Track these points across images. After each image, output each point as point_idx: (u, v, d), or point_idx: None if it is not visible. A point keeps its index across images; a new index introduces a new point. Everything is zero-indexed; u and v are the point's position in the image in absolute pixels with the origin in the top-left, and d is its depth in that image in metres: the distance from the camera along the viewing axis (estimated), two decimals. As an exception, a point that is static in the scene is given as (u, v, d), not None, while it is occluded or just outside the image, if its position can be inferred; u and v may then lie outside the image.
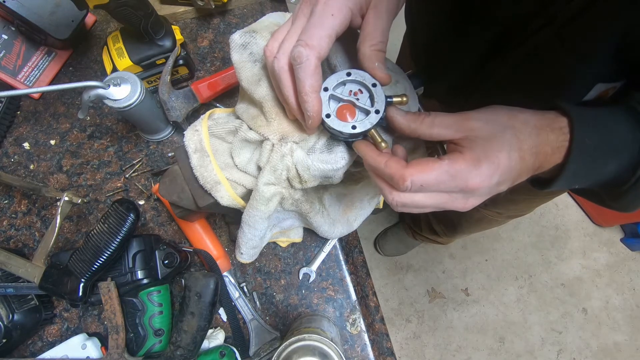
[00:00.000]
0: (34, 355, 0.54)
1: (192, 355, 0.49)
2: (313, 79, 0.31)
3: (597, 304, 1.51)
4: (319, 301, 0.58)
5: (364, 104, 0.34)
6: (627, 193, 0.32)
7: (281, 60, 0.32)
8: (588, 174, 0.31)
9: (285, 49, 0.32)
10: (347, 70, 0.34)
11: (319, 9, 0.31)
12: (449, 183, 0.29)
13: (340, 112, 0.34)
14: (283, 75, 0.33)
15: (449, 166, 0.29)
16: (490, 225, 0.96)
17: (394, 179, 0.29)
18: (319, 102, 0.32)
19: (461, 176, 0.29)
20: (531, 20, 0.36)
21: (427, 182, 0.29)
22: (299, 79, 0.31)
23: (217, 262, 0.54)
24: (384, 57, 0.34)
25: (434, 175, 0.29)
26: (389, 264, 1.58)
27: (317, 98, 0.32)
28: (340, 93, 0.34)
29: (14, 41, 0.64)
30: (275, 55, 0.33)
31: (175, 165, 0.46)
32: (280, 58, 0.32)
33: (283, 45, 0.33)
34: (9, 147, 0.65)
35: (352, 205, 0.52)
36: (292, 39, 0.32)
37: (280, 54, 0.32)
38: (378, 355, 0.56)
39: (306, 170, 0.38)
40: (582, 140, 0.29)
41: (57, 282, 0.48)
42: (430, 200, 0.31)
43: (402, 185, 0.29)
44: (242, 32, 0.39)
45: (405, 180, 0.29)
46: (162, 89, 0.59)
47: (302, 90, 0.31)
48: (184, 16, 0.72)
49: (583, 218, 1.62)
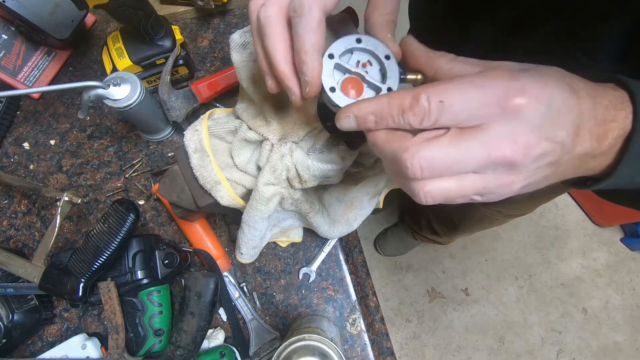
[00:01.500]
0: (34, 355, 0.54)
1: (192, 355, 0.49)
2: (316, 36, 0.25)
3: (597, 304, 1.51)
4: (319, 301, 0.58)
5: (373, 79, 0.28)
6: None
7: (269, 8, 0.26)
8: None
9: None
10: (357, 36, 0.28)
11: None
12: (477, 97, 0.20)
13: (345, 87, 0.28)
14: (272, 27, 0.26)
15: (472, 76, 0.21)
16: (491, 225, 0.96)
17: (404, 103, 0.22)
18: (321, 64, 0.26)
19: (491, 84, 0.21)
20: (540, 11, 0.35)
21: (448, 97, 0.21)
22: (298, 34, 0.25)
23: (217, 262, 0.54)
24: (395, 28, 0.29)
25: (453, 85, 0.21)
26: (389, 264, 1.58)
27: (319, 59, 0.26)
28: (347, 63, 0.28)
29: (14, 41, 0.64)
30: (263, 3, 0.27)
31: (175, 165, 0.46)
32: (268, 5, 0.26)
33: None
34: (8, 147, 0.65)
35: (352, 205, 0.52)
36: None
37: (268, 1, 0.26)
38: (378, 355, 0.56)
39: (306, 170, 0.38)
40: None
41: (57, 282, 0.48)
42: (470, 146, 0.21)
43: (417, 106, 0.21)
44: (242, 32, 0.39)
45: (420, 97, 0.21)
46: (162, 89, 0.59)
47: (300, 48, 0.25)
48: (184, 16, 0.72)
49: (583, 218, 1.62)
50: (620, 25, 0.31)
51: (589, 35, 0.34)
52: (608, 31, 0.32)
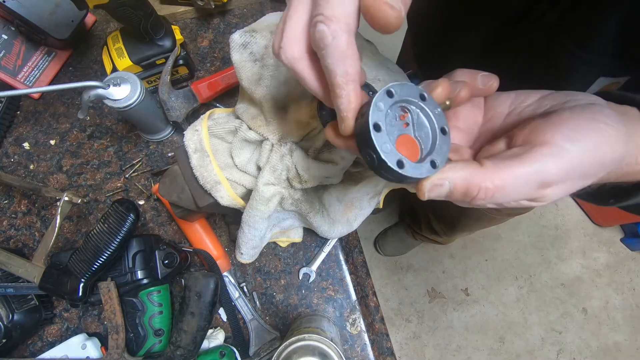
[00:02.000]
0: (34, 355, 0.54)
1: (192, 355, 0.49)
2: (348, 63, 0.22)
3: (597, 304, 1.51)
4: (319, 301, 0.58)
5: (421, 145, 0.24)
6: None
7: (288, 49, 0.23)
8: None
9: (292, 32, 0.23)
10: (423, 91, 0.23)
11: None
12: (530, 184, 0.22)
13: (401, 143, 0.23)
14: (298, 66, 0.24)
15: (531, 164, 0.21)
16: (490, 224, 0.96)
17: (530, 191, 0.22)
18: (358, 95, 0.23)
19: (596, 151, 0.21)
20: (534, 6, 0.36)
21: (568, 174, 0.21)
22: (328, 68, 0.22)
23: (217, 262, 0.54)
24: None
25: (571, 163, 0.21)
26: (389, 264, 1.58)
27: (356, 91, 0.23)
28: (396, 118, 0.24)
29: (14, 41, 0.64)
30: (280, 45, 0.24)
31: (175, 165, 0.46)
32: (286, 47, 0.23)
33: (287, 30, 0.23)
34: (8, 147, 0.65)
35: (352, 205, 0.52)
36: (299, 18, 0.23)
37: (284, 42, 0.23)
38: (378, 355, 0.56)
39: (306, 170, 0.38)
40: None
41: (57, 282, 0.48)
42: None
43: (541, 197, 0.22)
44: (242, 32, 0.39)
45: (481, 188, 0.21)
46: (162, 89, 0.59)
47: (333, 81, 0.22)
48: (184, 16, 0.72)
49: (583, 218, 1.62)
50: (615, 17, 0.32)
51: (584, 28, 0.34)
52: (602, 24, 0.33)
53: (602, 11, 0.32)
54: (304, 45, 0.24)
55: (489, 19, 0.41)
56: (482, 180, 0.21)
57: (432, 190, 0.23)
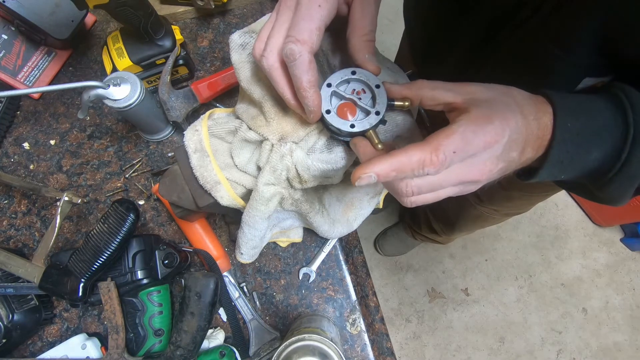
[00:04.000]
0: (34, 355, 0.54)
1: (192, 355, 0.49)
2: (309, 75, 0.30)
3: (597, 304, 1.51)
4: (319, 301, 0.58)
5: (365, 104, 0.33)
6: (612, 181, 0.31)
7: (269, 58, 0.32)
8: (573, 161, 0.30)
9: (273, 45, 0.32)
10: (353, 69, 0.33)
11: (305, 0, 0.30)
12: (473, 142, 0.27)
13: (341, 110, 0.34)
14: (275, 73, 0.32)
15: (466, 125, 0.27)
16: (488, 223, 0.96)
17: (425, 159, 0.26)
18: (318, 96, 0.32)
19: (480, 131, 0.27)
20: (519, 10, 0.37)
21: (457, 147, 0.26)
22: (295, 76, 0.31)
23: (217, 262, 0.54)
24: (373, 47, 0.34)
25: (459, 136, 0.26)
26: (389, 264, 1.58)
27: (316, 92, 0.32)
28: (343, 91, 0.34)
29: (14, 41, 0.64)
30: (262, 54, 0.32)
31: (175, 165, 0.46)
32: (268, 56, 0.32)
33: (270, 42, 0.32)
34: (8, 147, 0.65)
35: (352, 205, 0.52)
36: (279, 34, 0.31)
37: (267, 51, 0.32)
38: (378, 355, 0.56)
39: (306, 170, 0.38)
40: (565, 124, 0.29)
41: (57, 282, 0.48)
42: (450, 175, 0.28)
43: (437, 161, 0.26)
44: (241, 32, 0.39)
45: (439, 152, 0.26)
46: (162, 89, 0.59)
47: (299, 86, 0.31)
48: (184, 16, 0.72)
49: (583, 218, 1.62)
50: (596, 20, 0.32)
51: (566, 31, 0.35)
52: (583, 27, 0.33)
53: (583, 14, 0.33)
54: (278, 56, 0.32)
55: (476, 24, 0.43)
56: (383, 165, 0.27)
57: (362, 180, 0.28)
